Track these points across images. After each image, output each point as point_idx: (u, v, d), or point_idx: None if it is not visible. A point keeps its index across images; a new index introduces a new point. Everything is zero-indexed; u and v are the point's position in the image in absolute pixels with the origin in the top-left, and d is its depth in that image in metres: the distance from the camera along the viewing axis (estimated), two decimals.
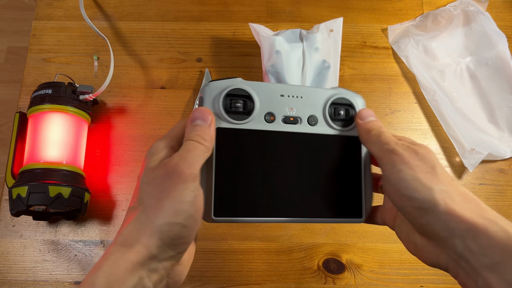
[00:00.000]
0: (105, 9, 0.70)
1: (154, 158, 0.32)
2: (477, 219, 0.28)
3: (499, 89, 0.65)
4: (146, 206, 0.30)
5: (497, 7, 0.72)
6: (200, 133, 0.32)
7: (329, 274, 0.57)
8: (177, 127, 0.35)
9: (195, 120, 0.33)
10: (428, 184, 0.30)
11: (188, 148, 0.32)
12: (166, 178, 0.30)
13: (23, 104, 0.64)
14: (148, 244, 0.29)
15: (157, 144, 0.33)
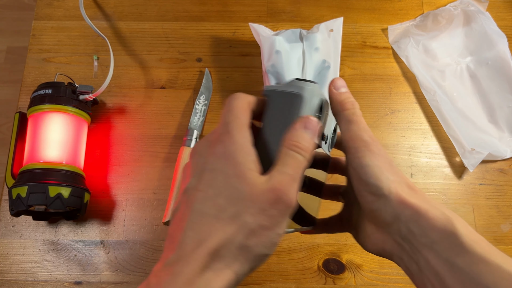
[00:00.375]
0: (105, 9, 0.70)
1: (250, 166, 0.28)
2: (420, 205, 0.31)
3: (499, 89, 0.65)
4: (246, 229, 0.27)
5: (497, 7, 0.72)
6: (311, 148, 0.30)
7: (329, 274, 0.57)
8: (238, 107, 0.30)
9: (307, 129, 0.30)
10: (386, 173, 0.32)
11: (297, 167, 0.29)
12: (273, 204, 0.27)
13: (23, 104, 0.64)
14: (238, 272, 0.27)
15: (242, 136, 0.29)
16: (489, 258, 0.28)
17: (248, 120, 0.30)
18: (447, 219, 0.30)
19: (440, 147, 0.64)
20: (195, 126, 0.62)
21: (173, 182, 0.58)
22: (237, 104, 0.30)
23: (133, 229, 0.58)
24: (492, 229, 0.59)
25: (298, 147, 0.29)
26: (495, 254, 0.28)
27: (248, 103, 0.30)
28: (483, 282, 0.27)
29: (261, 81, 0.66)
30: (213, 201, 0.27)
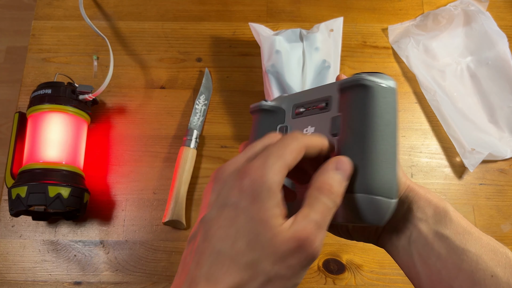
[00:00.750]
0: (105, 9, 0.70)
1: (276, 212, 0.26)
2: (419, 188, 0.35)
3: (500, 89, 0.65)
4: (264, 277, 0.26)
5: (498, 6, 0.72)
6: (342, 192, 0.28)
7: (329, 274, 0.57)
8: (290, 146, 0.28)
9: (340, 171, 0.29)
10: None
11: (325, 214, 0.27)
12: (294, 254, 0.26)
13: (22, 104, 0.64)
14: None
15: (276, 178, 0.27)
16: (471, 230, 0.33)
17: (292, 163, 0.27)
18: (441, 200, 0.35)
19: (440, 147, 0.63)
20: (195, 126, 0.62)
21: (173, 182, 0.58)
22: (291, 145, 0.28)
23: (133, 229, 0.58)
24: (492, 229, 0.59)
25: (330, 191, 0.28)
26: (476, 229, 0.33)
27: (304, 146, 0.28)
28: (466, 248, 0.32)
29: (261, 81, 0.66)
30: (232, 243, 0.26)
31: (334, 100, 0.34)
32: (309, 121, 0.36)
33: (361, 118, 0.31)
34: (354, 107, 0.32)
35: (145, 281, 0.56)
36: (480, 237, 0.32)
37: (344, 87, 0.32)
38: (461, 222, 0.33)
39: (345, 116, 0.32)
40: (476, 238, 0.32)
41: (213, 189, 0.29)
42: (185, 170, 0.58)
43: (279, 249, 0.26)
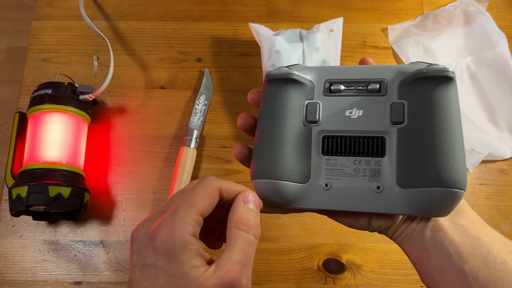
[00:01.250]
0: (105, 9, 0.70)
1: (194, 263, 0.26)
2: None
3: (499, 89, 0.65)
4: None
5: (497, 7, 0.72)
6: (258, 222, 0.28)
7: (329, 274, 0.57)
8: (200, 193, 0.28)
9: (250, 203, 0.29)
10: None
11: (247, 250, 0.27)
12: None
13: (22, 104, 0.64)
14: None
15: (185, 229, 0.26)
16: (484, 224, 0.35)
17: (204, 208, 0.27)
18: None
19: None
20: (195, 126, 0.62)
21: (173, 182, 0.58)
22: (201, 191, 0.27)
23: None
24: None
25: (247, 225, 0.27)
26: (485, 223, 0.35)
27: (217, 190, 0.28)
28: (479, 236, 0.33)
29: (261, 81, 0.66)
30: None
31: (392, 85, 0.32)
32: (352, 102, 0.33)
33: (441, 109, 0.30)
34: (434, 98, 0.30)
35: None
36: (491, 230, 0.34)
37: (420, 77, 0.31)
38: (475, 215, 0.35)
39: (418, 105, 0.31)
40: (488, 229, 0.34)
41: (133, 250, 0.28)
42: (185, 170, 0.58)
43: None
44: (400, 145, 0.31)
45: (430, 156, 0.30)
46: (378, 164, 0.32)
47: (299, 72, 0.34)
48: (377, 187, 0.32)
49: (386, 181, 0.32)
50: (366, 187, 0.32)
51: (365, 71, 0.33)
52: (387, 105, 0.32)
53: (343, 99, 0.33)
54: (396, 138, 0.32)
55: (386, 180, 0.32)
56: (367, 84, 0.33)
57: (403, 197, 0.31)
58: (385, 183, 0.32)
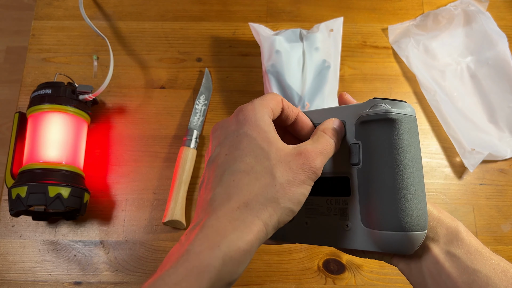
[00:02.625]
0: (105, 9, 0.70)
1: (274, 134, 0.30)
2: (432, 209, 0.35)
3: (500, 89, 0.65)
4: (276, 183, 0.28)
5: (498, 7, 0.72)
6: (340, 140, 0.33)
7: (329, 275, 0.57)
8: (268, 97, 0.32)
9: (337, 125, 0.33)
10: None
11: (327, 147, 0.31)
12: (300, 166, 0.29)
13: (22, 104, 0.64)
14: (267, 222, 0.28)
15: (264, 110, 0.31)
16: (482, 251, 0.33)
17: (273, 106, 0.31)
18: (454, 220, 0.34)
19: (441, 147, 0.63)
20: (195, 126, 0.62)
21: (173, 182, 0.58)
22: (269, 95, 0.32)
23: (133, 229, 0.58)
24: (493, 229, 0.59)
25: (333, 133, 0.32)
26: (487, 250, 0.33)
27: (281, 99, 0.32)
28: (477, 268, 0.32)
29: (261, 81, 0.66)
30: (240, 160, 0.29)
31: (350, 126, 0.33)
32: None
33: (389, 151, 0.30)
34: (381, 140, 0.31)
35: (145, 281, 0.56)
36: (490, 257, 0.33)
37: (366, 120, 0.31)
38: (472, 242, 0.33)
39: (369, 147, 0.32)
40: (486, 258, 0.32)
41: (213, 137, 0.32)
42: (185, 170, 0.58)
43: (286, 161, 0.29)
44: (360, 185, 0.33)
45: (384, 200, 0.31)
46: (345, 203, 0.34)
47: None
48: (346, 225, 0.34)
49: (353, 220, 0.33)
50: (337, 225, 0.34)
51: (330, 113, 0.35)
52: (347, 145, 0.33)
53: None
54: (357, 178, 0.33)
55: (352, 219, 0.33)
56: None
57: (367, 235, 0.32)
58: (352, 222, 0.33)
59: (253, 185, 0.28)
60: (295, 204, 0.29)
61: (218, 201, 0.28)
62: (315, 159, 0.30)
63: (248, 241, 0.27)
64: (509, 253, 0.58)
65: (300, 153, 0.30)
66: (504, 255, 0.58)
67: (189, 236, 0.27)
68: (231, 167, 0.29)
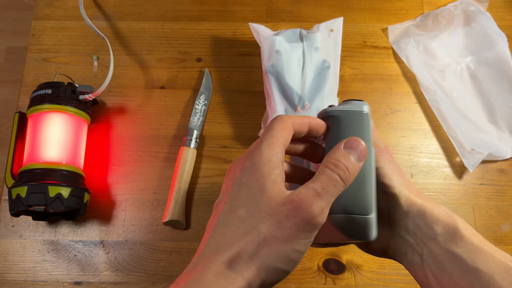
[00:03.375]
0: (105, 9, 0.70)
1: (274, 178, 0.28)
2: (426, 204, 0.35)
3: (500, 89, 0.65)
4: (259, 239, 0.27)
5: (498, 7, 0.72)
6: (352, 168, 0.29)
7: (329, 275, 0.57)
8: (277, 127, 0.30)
9: (351, 149, 0.29)
10: (396, 176, 0.36)
11: (327, 185, 0.28)
12: (289, 217, 0.27)
13: (22, 104, 0.64)
14: (249, 281, 0.26)
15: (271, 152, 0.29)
16: (484, 248, 0.32)
17: (283, 139, 0.30)
18: (450, 215, 0.34)
19: (440, 147, 0.64)
20: (195, 126, 0.62)
21: (173, 182, 0.58)
22: (277, 125, 0.30)
23: (133, 229, 0.58)
24: (492, 229, 0.59)
25: (336, 166, 0.29)
26: (489, 246, 0.32)
27: (291, 124, 0.31)
28: (478, 267, 0.31)
29: (261, 81, 0.66)
30: (234, 213, 0.28)
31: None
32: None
33: (332, 141, 0.33)
34: (329, 133, 0.34)
35: (145, 281, 0.56)
36: (493, 254, 0.31)
37: (323, 117, 0.35)
38: (473, 239, 0.32)
39: (324, 139, 0.35)
40: (488, 256, 0.31)
41: (226, 178, 0.32)
42: (185, 170, 0.58)
43: (274, 212, 0.27)
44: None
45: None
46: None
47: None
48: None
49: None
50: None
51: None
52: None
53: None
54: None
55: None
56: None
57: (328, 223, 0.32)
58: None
59: (240, 240, 0.27)
60: (284, 262, 0.27)
61: (207, 254, 0.27)
62: (310, 206, 0.26)
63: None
64: (509, 253, 0.58)
65: (291, 201, 0.27)
66: None
67: (176, 285, 0.27)
68: (225, 218, 0.28)
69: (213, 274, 0.26)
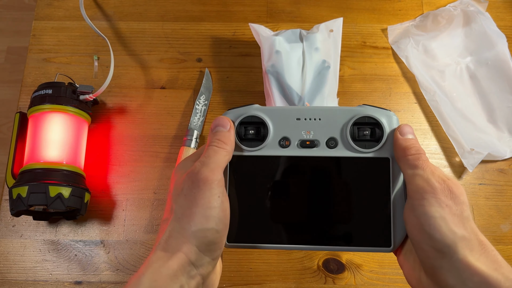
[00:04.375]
0: (105, 9, 0.70)
1: (181, 172, 0.33)
2: (492, 273, 0.28)
3: (499, 89, 0.65)
4: (178, 216, 0.31)
5: (497, 7, 0.72)
6: (220, 137, 0.34)
7: (329, 274, 0.57)
8: (203, 147, 0.35)
9: (215, 128, 0.34)
10: (454, 228, 0.29)
11: (209, 154, 0.32)
12: (192, 187, 0.31)
13: (23, 104, 0.64)
14: (186, 251, 0.30)
15: (184, 161, 0.35)
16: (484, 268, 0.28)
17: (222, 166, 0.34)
18: (496, 272, 0.28)
19: (440, 147, 0.64)
20: (195, 126, 0.62)
21: None
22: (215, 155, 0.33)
23: (133, 229, 0.58)
24: (492, 229, 0.60)
25: (209, 144, 0.34)
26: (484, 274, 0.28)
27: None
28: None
29: (261, 81, 0.66)
30: (167, 211, 0.34)
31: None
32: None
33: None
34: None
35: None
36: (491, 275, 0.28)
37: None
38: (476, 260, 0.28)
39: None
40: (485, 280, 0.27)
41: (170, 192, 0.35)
42: None
43: (178, 188, 0.33)
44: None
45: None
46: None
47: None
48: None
49: None
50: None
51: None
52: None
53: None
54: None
55: None
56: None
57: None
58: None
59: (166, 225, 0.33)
60: (205, 222, 0.31)
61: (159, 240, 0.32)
62: (201, 172, 0.32)
63: (169, 266, 0.29)
64: (509, 252, 0.59)
65: (187, 175, 0.33)
66: (503, 254, 0.58)
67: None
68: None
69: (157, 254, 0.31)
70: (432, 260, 0.30)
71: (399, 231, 0.35)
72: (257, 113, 0.36)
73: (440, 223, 0.29)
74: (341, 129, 0.36)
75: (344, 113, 0.36)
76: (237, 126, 0.36)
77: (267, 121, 0.36)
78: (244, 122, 0.36)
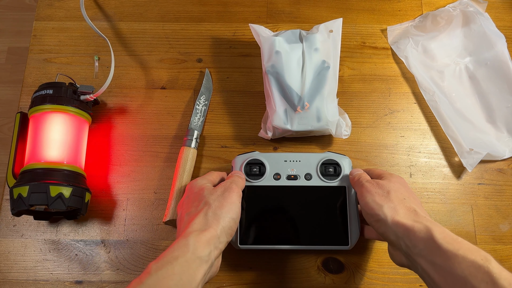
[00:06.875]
0: (106, 9, 0.70)
1: (207, 185, 0.50)
2: (409, 223, 0.41)
3: (498, 89, 0.65)
4: (214, 206, 0.46)
5: (496, 7, 0.72)
6: (238, 173, 0.54)
7: (329, 274, 0.57)
8: (213, 175, 0.53)
9: (235, 173, 0.53)
10: (379, 202, 0.45)
11: (234, 179, 0.51)
12: (225, 191, 0.48)
13: (24, 104, 0.64)
14: (216, 228, 0.44)
15: (200, 180, 0.51)
16: (457, 252, 0.36)
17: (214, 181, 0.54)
18: (427, 229, 0.39)
19: (439, 147, 0.64)
20: (195, 126, 0.63)
21: (174, 182, 0.59)
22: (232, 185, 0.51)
23: (134, 229, 0.59)
24: (491, 228, 0.60)
25: (233, 176, 0.53)
26: (464, 249, 0.37)
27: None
28: (456, 272, 0.36)
29: (261, 82, 0.66)
30: (197, 203, 0.48)
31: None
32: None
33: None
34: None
35: None
36: (465, 256, 0.36)
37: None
38: (449, 246, 0.37)
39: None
40: (461, 260, 0.36)
41: (189, 197, 0.51)
42: (186, 170, 0.59)
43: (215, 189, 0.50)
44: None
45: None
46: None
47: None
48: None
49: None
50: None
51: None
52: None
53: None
54: None
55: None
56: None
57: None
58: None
59: (198, 212, 0.47)
60: (232, 212, 0.46)
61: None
62: (232, 185, 0.50)
63: (205, 236, 0.42)
64: (508, 252, 0.59)
65: (221, 185, 0.50)
66: (502, 254, 0.58)
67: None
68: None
69: (194, 230, 0.43)
70: (379, 229, 0.45)
71: (354, 234, 0.53)
72: (258, 157, 0.55)
73: (370, 202, 0.45)
74: (315, 167, 0.55)
75: (316, 157, 0.56)
76: (244, 165, 0.55)
77: (265, 162, 0.55)
78: (249, 163, 0.55)
